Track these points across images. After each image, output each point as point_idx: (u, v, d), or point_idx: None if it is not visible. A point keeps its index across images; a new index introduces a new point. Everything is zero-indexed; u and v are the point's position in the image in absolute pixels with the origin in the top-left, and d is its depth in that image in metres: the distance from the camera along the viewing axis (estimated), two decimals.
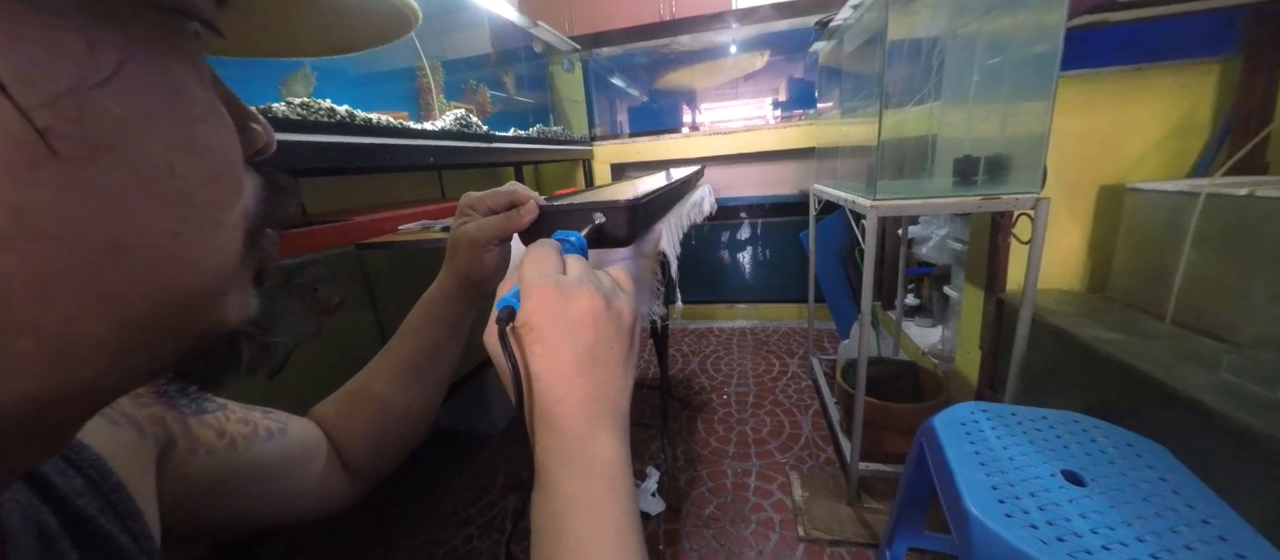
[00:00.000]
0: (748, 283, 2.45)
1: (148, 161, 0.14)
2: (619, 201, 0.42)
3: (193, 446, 0.31)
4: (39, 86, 0.11)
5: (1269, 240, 0.78)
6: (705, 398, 1.69)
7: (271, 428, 0.36)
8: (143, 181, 0.13)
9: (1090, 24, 1.04)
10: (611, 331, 0.27)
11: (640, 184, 0.82)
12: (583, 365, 0.26)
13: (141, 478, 0.27)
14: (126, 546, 0.24)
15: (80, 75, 0.12)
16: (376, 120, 0.93)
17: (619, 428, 0.27)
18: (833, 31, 1.40)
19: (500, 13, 1.67)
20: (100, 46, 0.12)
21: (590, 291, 0.27)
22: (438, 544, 1.14)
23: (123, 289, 0.13)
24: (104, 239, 0.13)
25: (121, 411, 0.28)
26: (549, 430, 0.26)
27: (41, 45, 0.11)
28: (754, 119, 2.46)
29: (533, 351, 0.26)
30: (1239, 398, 0.68)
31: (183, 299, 0.15)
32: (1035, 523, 0.54)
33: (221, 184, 0.16)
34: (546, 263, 0.29)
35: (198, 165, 0.15)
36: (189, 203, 0.15)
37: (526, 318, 0.26)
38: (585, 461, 0.26)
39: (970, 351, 1.30)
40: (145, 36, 0.14)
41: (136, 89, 0.13)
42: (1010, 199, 0.88)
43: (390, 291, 1.18)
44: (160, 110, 0.14)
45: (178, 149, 0.14)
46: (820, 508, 1.14)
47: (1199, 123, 1.06)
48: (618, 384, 0.28)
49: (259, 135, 0.20)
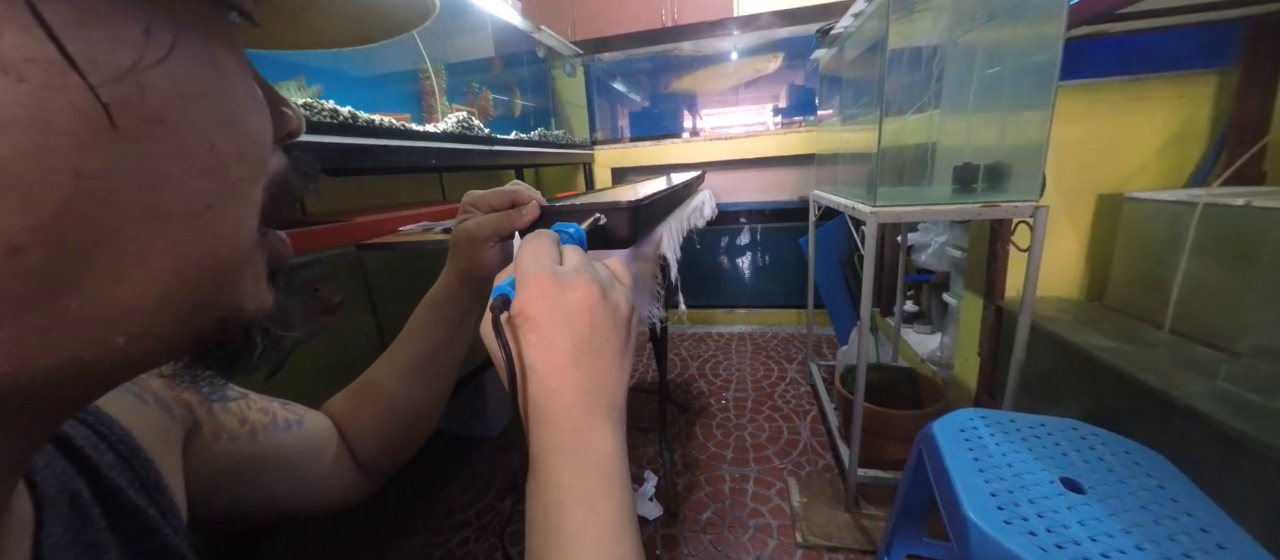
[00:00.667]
0: (747, 288, 2.46)
1: (192, 137, 0.15)
2: (620, 202, 0.42)
3: (217, 431, 0.32)
4: (104, 66, 0.12)
5: (1266, 250, 0.78)
6: (704, 402, 1.69)
7: (289, 418, 0.37)
8: (186, 155, 0.14)
9: (1089, 34, 1.04)
10: (608, 322, 0.27)
11: (641, 188, 0.83)
12: (578, 356, 0.26)
13: (168, 456, 0.28)
14: (154, 518, 0.25)
15: (138, 56, 0.13)
16: (379, 122, 0.94)
17: (615, 419, 0.27)
18: (834, 39, 1.41)
19: (503, 17, 1.68)
20: (155, 30, 0.13)
21: (587, 282, 0.27)
22: (434, 546, 1.13)
23: (160, 255, 0.14)
24: (148, 207, 0.14)
25: (151, 392, 0.29)
26: (544, 421, 0.26)
27: (107, 29, 0.12)
28: (755, 125, 2.47)
29: (528, 342, 0.26)
30: (1236, 406, 0.68)
31: (210, 268, 0.16)
32: (1034, 530, 0.54)
33: (253, 162, 0.17)
34: (543, 252, 0.28)
35: (235, 143, 0.16)
36: (225, 178, 0.16)
37: (522, 307, 0.26)
38: (581, 453, 0.25)
39: (969, 358, 1.30)
40: (192, 22, 0.15)
41: (185, 70, 0.14)
42: (1009, 207, 0.89)
43: (390, 293, 1.18)
44: (205, 90, 0.15)
45: (218, 127, 0.15)
46: (818, 514, 1.13)
47: (1196, 133, 1.07)
48: (614, 375, 0.27)
49: (290, 119, 0.21)
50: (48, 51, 0.11)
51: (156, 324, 0.15)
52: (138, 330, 0.15)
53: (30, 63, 0.11)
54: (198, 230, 0.15)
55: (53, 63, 0.12)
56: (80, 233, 0.13)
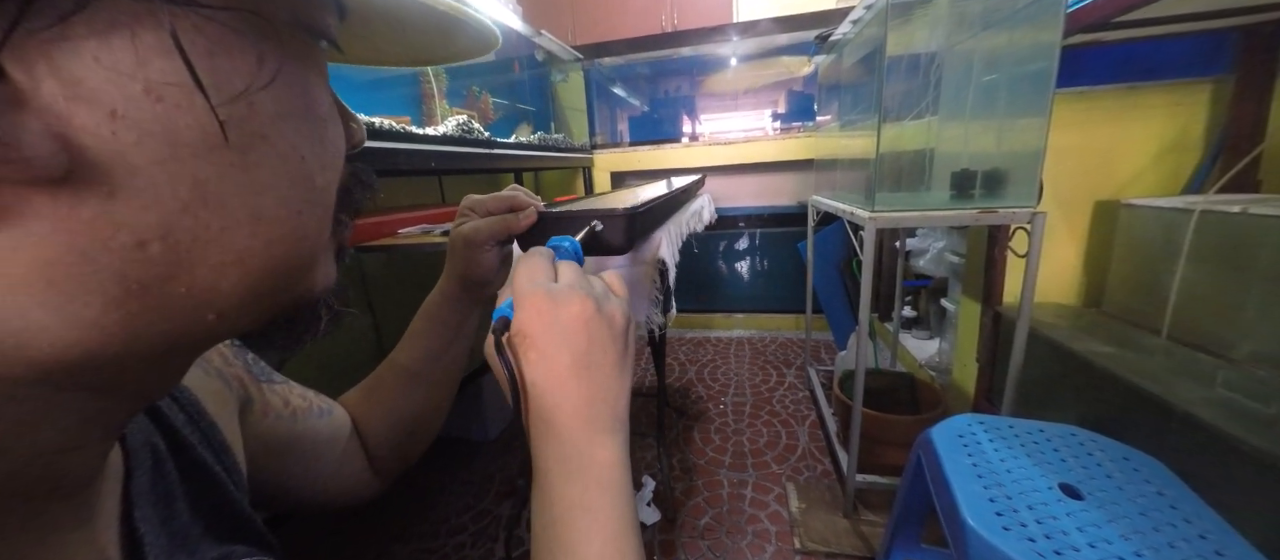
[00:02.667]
0: (746, 292, 2.46)
1: (288, 150, 0.17)
2: (617, 209, 0.42)
3: (265, 409, 0.35)
4: (224, 89, 0.15)
5: (1262, 257, 0.78)
6: (702, 407, 1.68)
7: (322, 406, 0.40)
8: (283, 167, 0.17)
9: (1086, 43, 1.05)
10: (605, 335, 0.28)
11: (640, 192, 0.83)
12: (578, 370, 0.26)
13: (229, 422, 0.31)
14: (219, 474, 0.27)
15: (250, 81, 0.15)
16: (378, 124, 0.94)
17: (617, 431, 0.27)
18: (832, 45, 1.42)
19: (504, 21, 1.69)
20: (266, 59, 0.16)
21: (581, 297, 0.27)
22: (430, 551, 1.13)
23: (256, 253, 0.17)
24: (250, 211, 0.16)
25: (214, 366, 0.32)
26: (547, 435, 0.26)
27: (229, 58, 0.15)
28: (754, 130, 2.48)
29: (528, 359, 0.26)
30: (1234, 413, 0.68)
31: (295, 264, 0.19)
32: (1032, 536, 0.54)
33: (333, 172, 0.20)
34: (537, 271, 0.29)
35: (320, 155, 0.19)
36: (311, 186, 0.18)
37: (520, 327, 0.27)
38: (583, 466, 0.26)
39: (967, 364, 1.30)
40: (292, 51, 0.17)
41: (286, 92, 0.17)
42: (1007, 213, 0.89)
43: (389, 295, 1.18)
44: (298, 110, 0.17)
45: (308, 141, 0.18)
46: (817, 519, 1.13)
47: (1192, 141, 1.08)
48: (614, 387, 0.28)
49: (356, 132, 0.23)
50: (182, 76, 0.14)
51: (243, 306, 0.17)
52: (227, 310, 0.17)
53: (168, 86, 0.13)
54: (286, 231, 0.17)
55: (184, 86, 0.14)
56: (194, 232, 0.15)
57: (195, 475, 0.27)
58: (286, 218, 0.17)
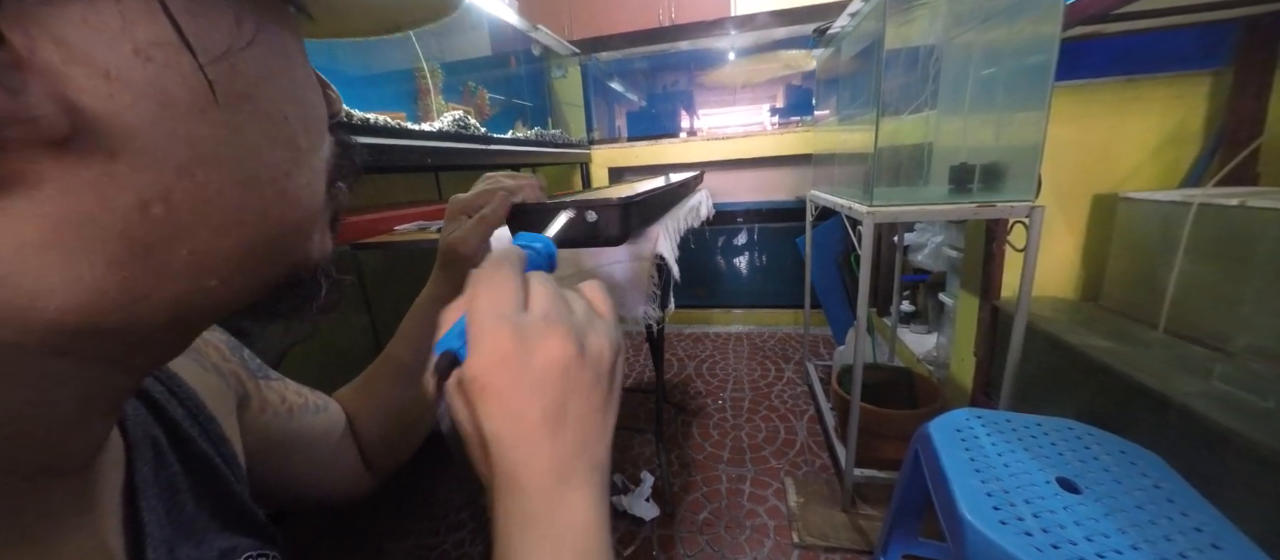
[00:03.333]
0: (744, 288, 2.46)
1: (273, 111, 0.17)
2: (611, 199, 0.42)
3: (262, 405, 0.35)
4: (208, 48, 0.15)
5: (1260, 250, 0.78)
6: (700, 402, 1.69)
7: (317, 403, 0.40)
8: (268, 127, 0.17)
9: (1085, 35, 1.05)
10: (588, 380, 0.23)
11: (639, 187, 0.82)
12: (552, 424, 0.22)
13: (227, 417, 0.31)
14: (219, 467, 0.28)
15: (232, 41, 0.15)
16: (374, 120, 0.93)
17: (595, 483, 0.23)
18: (830, 39, 1.41)
19: (500, 16, 1.68)
20: (243, 20, 0.16)
21: (560, 336, 0.22)
22: (427, 549, 1.13)
23: (252, 214, 0.17)
24: (244, 172, 0.16)
25: (211, 362, 0.32)
26: (510, 493, 0.22)
27: (208, 17, 0.15)
28: (752, 125, 2.47)
29: (485, 412, 0.21)
30: (1231, 406, 0.68)
31: (290, 226, 0.19)
32: (1030, 530, 0.54)
33: (316, 133, 0.20)
34: (502, 295, 0.23)
35: (302, 116, 0.19)
36: (296, 147, 0.19)
37: (477, 373, 0.21)
38: (554, 531, 0.22)
39: (965, 358, 1.31)
40: (268, 14, 0.17)
41: (265, 54, 0.17)
42: (1005, 207, 0.89)
43: (385, 292, 1.17)
44: (279, 71, 0.18)
45: (289, 102, 0.18)
46: (815, 514, 1.13)
47: (1191, 134, 1.07)
48: (595, 435, 0.23)
49: (335, 100, 0.23)
50: (169, 35, 0.14)
51: (242, 270, 0.18)
52: (228, 275, 0.17)
53: (155, 46, 0.14)
54: (279, 193, 0.18)
55: (171, 44, 0.14)
56: (193, 193, 0.15)
57: (197, 468, 0.27)
58: (276, 180, 0.18)
